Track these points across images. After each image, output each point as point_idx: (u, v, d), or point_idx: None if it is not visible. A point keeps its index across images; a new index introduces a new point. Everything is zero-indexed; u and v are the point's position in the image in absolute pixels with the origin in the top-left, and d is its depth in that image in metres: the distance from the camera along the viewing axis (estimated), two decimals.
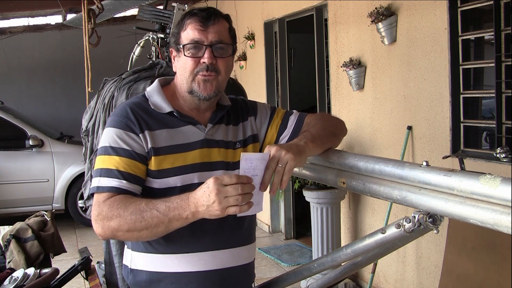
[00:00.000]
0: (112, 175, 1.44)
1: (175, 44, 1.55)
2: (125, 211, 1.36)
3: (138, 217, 1.35)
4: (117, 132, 1.48)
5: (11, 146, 6.51)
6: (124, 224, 1.36)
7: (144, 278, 1.54)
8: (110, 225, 1.38)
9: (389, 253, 1.66)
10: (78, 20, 5.29)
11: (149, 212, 1.34)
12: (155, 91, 1.58)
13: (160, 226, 1.35)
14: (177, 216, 1.33)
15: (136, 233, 1.37)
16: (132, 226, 1.35)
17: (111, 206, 1.39)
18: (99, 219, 1.40)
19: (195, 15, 1.51)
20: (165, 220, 1.34)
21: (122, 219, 1.36)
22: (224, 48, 1.52)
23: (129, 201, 1.39)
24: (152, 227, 1.35)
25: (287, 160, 1.37)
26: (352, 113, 4.26)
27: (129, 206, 1.37)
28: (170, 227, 1.36)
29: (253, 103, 1.72)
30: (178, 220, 1.34)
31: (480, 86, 3.26)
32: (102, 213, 1.39)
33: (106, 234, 1.41)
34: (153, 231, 1.36)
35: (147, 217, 1.34)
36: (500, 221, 1.04)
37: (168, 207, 1.34)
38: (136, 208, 1.36)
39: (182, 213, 1.33)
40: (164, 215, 1.33)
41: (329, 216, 4.22)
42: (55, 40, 8.43)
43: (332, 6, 4.46)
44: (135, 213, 1.35)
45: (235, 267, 1.57)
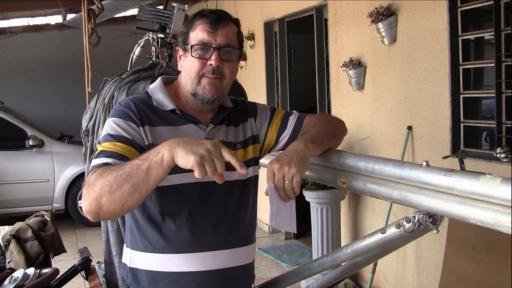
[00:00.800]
0: (108, 155, 1.39)
1: (183, 44, 1.55)
2: (108, 171, 1.30)
3: (119, 171, 1.28)
4: (118, 121, 1.47)
5: (11, 146, 6.51)
6: (106, 184, 1.28)
7: (143, 277, 1.54)
8: (94, 191, 1.29)
9: (389, 253, 1.66)
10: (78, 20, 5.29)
11: (129, 163, 1.29)
12: (158, 89, 1.58)
13: (140, 175, 1.25)
14: (155, 157, 1.25)
15: (118, 192, 1.27)
16: (113, 183, 1.27)
17: (98, 174, 1.32)
18: (86, 193, 1.31)
19: (205, 16, 1.50)
20: (144, 165, 1.25)
21: (104, 179, 1.28)
22: (231, 52, 1.52)
23: (112, 166, 1.34)
24: (133, 178, 1.26)
25: (292, 175, 1.39)
26: (352, 113, 4.26)
27: (112, 167, 1.32)
28: (150, 175, 1.26)
29: (253, 104, 1.72)
30: (156, 162, 1.25)
31: (480, 86, 3.26)
32: (89, 185, 1.31)
33: (92, 206, 1.30)
34: (134, 183, 1.26)
35: (127, 168, 1.27)
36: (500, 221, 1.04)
37: (149, 153, 1.28)
38: (119, 166, 1.30)
39: (160, 150, 1.25)
40: (143, 160, 1.27)
41: (329, 216, 4.22)
42: (55, 40, 8.44)
43: (332, 6, 4.46)
44: (117, 169, 1.29)
45: (235, 267, 1.57)
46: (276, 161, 1.42)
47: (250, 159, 1.62)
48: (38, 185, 6.53)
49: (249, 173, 1.61)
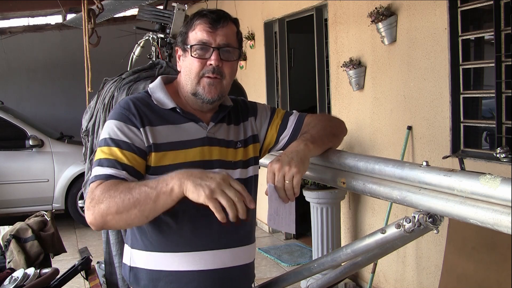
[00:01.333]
0: (110, 165, 1.42)
1: (182, 44, 1.55)
2: (115, 191, 1.33)
3: (127, 195, 1.31)
4: (118, 124, 1.47)
5: (11, 146, 6.51)
6: (113, 205, 1.31)
7: (143, 276, 1.54)
8: (100, 208, 1.33)
9: (389, 253, 1.66)
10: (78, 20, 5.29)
11: (138, 188, 1.31)
12: (158, 87, 1.58)
13: (148, 203, 1.29)
14: (164, 187, 1.28)
15: (125, 214, 1.31)
16: (120, 205, 1.30)
17: (103, 189, 1.35)
18: (90, 206, 1.35)
19: (205, 16, 1.50)
20: (152, 194, 1.29)
21: (112, 199, 1.31)
22: (231, 52, 1.52)
23: (121, 183, 1.36)
24: (140, 204, 1.29)
25: (292, 174, 1.39)
26: (352, 113, 4.26)
27: (120, 187, 1.34)
28: (158, 204, 1.30)
29: (253, 104, 1.72)
30: (165, 193, 1.28)
31: (480, 86, 3.26)
32: (94, 199, 1.35)
33: (97, 221, 1.34)
34: (141, 209, 1.30)
35: (135, 193, 1.31)
36: (500, 221, 1.04)
37: (157, 180, 1.31)
38: (126, 187, 1.33)
39: (169, 182, 1.28)
40: (152, 189, 1.30)
41: (329, 216, 4.22)
42: (55, 40, 8.44)
43: (332, 6, 4.46)
44: (124, 191, 1.32)
45: (235, 267, 1.57)
46: (276, 161, 1.42)
47: (251, 158, 1.62)
48: (38, 185, 6.53)
49: (249, 172, 1.61)
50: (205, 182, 1.26)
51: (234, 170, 1.56)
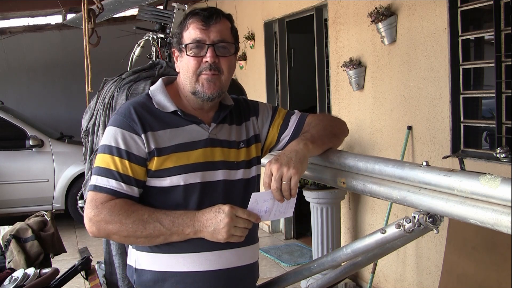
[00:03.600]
0: (111, 176, 1.44)
1: (177, 44, 1.55)
2: (127, 218, 1.40)
3: (140, 227, 1.40)
4: (119, 132, 1.48)
5: (11, 146, 6.51)
6: (123, 230, 1.41)
7: (149, 277, 1.54)
8: (108, 228, 1.41)
9: (389, 253, 1.66)
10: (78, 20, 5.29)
11: (152, 224, 1.41)
12: (158, 90, 1.58)
13: (160, 238, 1.43)
14: (180, 231, 1.42)
15: (133, 239, 1.43)
16: (131, 233, 1.41)
17: (111, 210, 1.41)
18: (95, 220, 1.42)
19: (197, 15, 1.51)
20: (166, 233, 1.42)
21: (123, 226, 1.40)
22: (226, 47, 1.52)
23: (131, 209, 1.42)
24: (152, 237, 1.42)
25: (290, 175, 1.40)
26: (352, 113, 4.26)
27: (131, 215, 1.41)
28: (169, 240, 1.44)
29: (255, 103, 1.72)
30: (179, 235, 1.43)
31: (480, 86, 3.26)
32: (100, 216, 1.41)
33: (101, 235, 1.44)
34: (151, 240, 1.43)
35: (149, 228, 1.41)
36: (500, 221, 1.04)
37: (173, 222, 1.42)
38: (139, 218, 1.41)
39: (185, 230, 1.42)
40: (167, 229, 1.41)
41: (329, 216, 4.22)
42: (55, 40, 8.43)
43: (332, 6, 4.46)
44: (137, 223, 1.41)
45: (240, 266, 1.57)
46: (275, 161, 1.42)
47: (253, 158, 1.62)
48: (38, 185, 6.53)
49: (252, 172, 1.61)
50: (219, 228, 1.41)
51: (237, 170, 1.56)
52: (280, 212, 1.47)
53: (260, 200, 1.43)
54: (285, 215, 1.50)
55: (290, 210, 1.48)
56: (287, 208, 1.47)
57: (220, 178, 1.53)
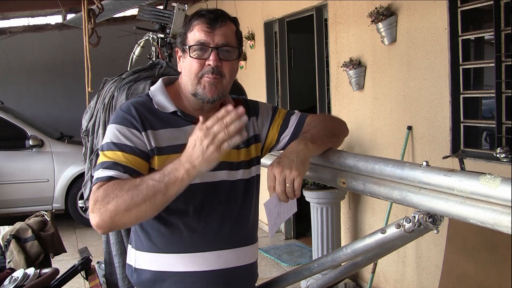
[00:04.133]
0: (112, 167, 1.41)
1: (181, 45, 1.54)
2: (121, 190, 1.33)
3: (135, 192, 1.32)
4: (120, 128, 1.47)
5: (11, 146, 6.51)
6: (121, 203, 1.32)
7: (148, 277, 1.54)
8: (107, 208, 1.32)
9: (389, 253, 1.66)
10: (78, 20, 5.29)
11: (145, 184, 1.32)
12: (159, 91, 1.58)
13: (158, 195, 1.32)
14: (173, 179, 1.31)
15: (135, 210, 1.32)
16: (129, 203, 1.32)
17: (106, 190, 1.35)
18: (96, 208, 1.34)
19: (203, 17, 1.50)
20: (161, 187, 1.31)
21: (119, 198, 1.32)
22: (230, 51, 1.51)
23: (124, 182, 1.37)
24: (150, 198, 1.31)
25: (293, 178, 1.40)
26: (352, 113, 4.26)
27: (124, 186, 1.34)
28: (168, 195, 1.33)
29: (255, 103, 1.72)
30: (175, 184, 1.32)
31: (480, 86, 3.26)
32: (98, 201, 1.34)
33: (105, 222, 1.34)
34: (152, 202, 1.32)
35: (143, 189, 1.32)
36: (500, 221, 1.04)
37: (163, 173, 1.32)
38: (132, 185, 1.34)
39: (177, 174, 1.31)
40: (160, 182, 1.31)
41: (329, 216, 4.22)
42: (55, 40, 8.43)
43: (332, 6, 4.46)
44: (131, 189, 1.33)
45: (239, 266, 1.57)
46: (277, 164, 1.42)
47: (253, 158, 1.62)
48: (38, 185, 6.53)
49: (252, 172, 1.61)
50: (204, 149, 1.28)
51: (237, 171, 1.56)
52: (287, 212, 1.48)
53: (272, 209, 1.44)
54: (292, 212, 1.51)
55: (294, 206, 1.49)
56: (291, 205, 1.48)
57: (221, 179, 1.53)
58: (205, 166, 1.31)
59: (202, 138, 1.28)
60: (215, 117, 1.29)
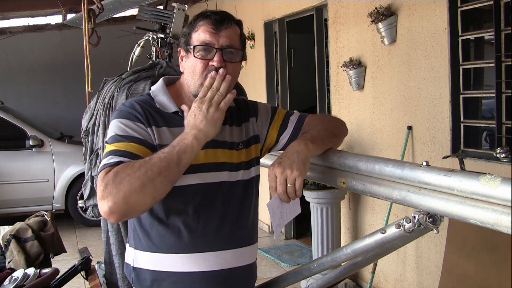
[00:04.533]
0: (122, 154, 1.39)
1: (185, 44, 1.54)
2: (132, 168, 1.30)
3: (148, 166, 1.30)
4: (125, 121, 1.46)
5: (11, 146, 6.51)
6: (135, 180, 1.28)
7: (146, 277, 1.54)
8: (120, 189, 1.27)
9: (389, 253, 1.66)
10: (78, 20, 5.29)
11: (156, 157, 1.32)
12: (160, 90, 1.58)
13: (172, 166, 1.32)
14: (183, 147, 1.35)
15: (150, 185, 1.28)
16: (144, 179, 1.28)
17: (116, 173, 1.31)
18: (106, 192, 1.28)
19: (208, 17, 1.50)
20: (173, 157, 1.33)
21: (132, 177, 1.28)
22: (234, 53, 1.52)
23: (133, 162, 1.34)
24: (165, 170, 1.30)
25: (294, 178, 1.40)
26: (352, 113, 4.26)
27: (135, 164, 1.32)
28: (181, 164, 1.34)
29: (254, 104, 1.72)
30: (185, 151, 1.34)
31: (480, 86, 3.26)
32: (108, 184, 1.29)
33: (118, 205, 1.27)
34: (167, 174, 1.31)
35: (155, 162, 1.31)
36: (500, 221, 1.04)
37: (172, 145, 1.36)
38: (142, 161, 1.32)
39: (186, 142, 1.36)
40: (170, 153, 1.33)
41: (329, 216, 4.22)
42: (55, 40, 8.43)
43: (332, 6, 4.46)
44: (143, 165, 1.30)
45: (239, 267, 1.57)
46: (278, 164, 1.43)
47: (252, 159, 1.62)
48: (38, 185, 6.53)
49: (252, 173, 1.61)
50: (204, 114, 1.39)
51: (237, 171, 1.56)
52: (290, 213, 1.48)
53: (274, 208, 1.44)
54: (295, 214, 1.51)
55: (298, 207, 1.49)
56: (294, 206, 1.48)
57: (221, 180, 1.53)
58: (211, 127, 1.38)
59: (199, 106, 1.39)
60: (204, 87, 1.42)
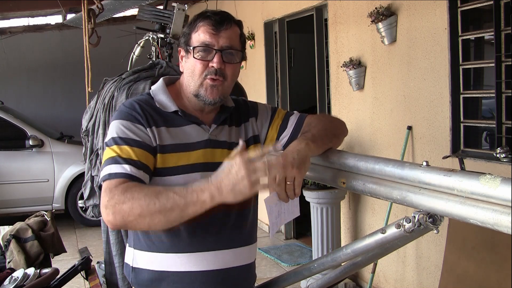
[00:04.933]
0: (124, 162, 1.40)
1: (185, 45, 1.54)
2: (139, 193, 1.31)
3: (152, 199, 1.29)
4: (125, 123, 1.47)
5: (11, 146, 6.51)
6: (136, 206, 1.29)
7: (146, 277, 1.54)
8: (122, 208, 1.30)
9: (389, 253, 1.66)
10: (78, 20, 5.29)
11: (165, 194, 1.29)
12: (160, 90, 1.58)
13: (175, 210, 1.28)
14: (195, 198, 1.27)
15: (149, 218, 1.29)
16: (145, 209, 1.28)
17: (125, 190, 1.33)
18: (110, 205, 1.32)
19: (208, 18, 1.50)
20: (181, 203, 1.28)
21: (135, 201, 1.30)
22: (234, 54, 1.52)
23: (144, 186, 1.36)
24: (166, 211, 1.28)
25: (293, 176, 1.38)
26: (352, 113, 4.26)
27: (144, 189, 1.33)
28: (186, 213, 1.29)
29: (254, 104, 1.72)
30: (195, 205, 1.28)
31: (480, 86, 3.26)
32: (114, 198, 1.32)
33: (117, 221, 1.32)
34: (167, 216, 1.29)
35: (162, 199, 1.29)
36: (500, 221, 1.04)
37: (186, 189, 1.29)
38: (152, 190, 1.32)
39: (200, 195, 1.27)
40: (181, 197, 1.28)
41: (329, 216, 4.22)
42: (55, 40, 8.44)
43: (332, 6, 4.46)
44: (150, 195, 1.30)
45: (237, 267, 1.57)
46: None
47: None
48: (38, 185, 6.53)
49: None
50: (238, 181, 1.25)
51: None
52: (289, 214, 1.47)
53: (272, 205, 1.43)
54: (294, 216, 1.49)
55: (296, 209, 1.48)
56: (293, 207, 1.47)
57: None
58: (231, 198, 1.27)
59: (240, 168, 1.25)
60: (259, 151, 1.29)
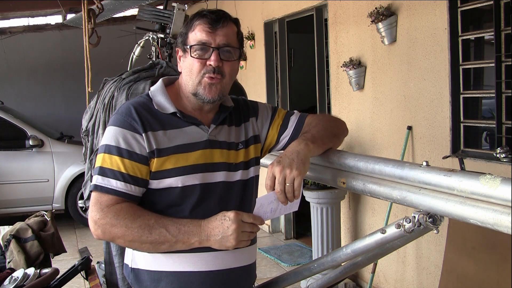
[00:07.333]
0: (114, 176, 1.44)
1: (182, 44, 1.55)
2: (132, 223, 1.41)
3: (146, 232, 1.41)
4: (120, 131, 1.47)
5: (11, 146, 6.51)
6: (129, 235, 1.40)
7: (145, 277, 1.54)
8: (113, 231, 1.41)
9: (389, 253, 1.65)
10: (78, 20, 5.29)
11: (158, 230, 1.41)
12: (159, 91, 1.58)
13: (165, 245, 1.42)
14: (185, 239, 1.42)
15: (138, 244, 1.43)
16: (137, 238, 1.41)
17: (117, 214, 1.41)
18: (101, 223, 1.42)
19: (205, 17, 1.50)
20: (171, 240, 1.42)
21: (129, 230, 1.40)
22: (231, 52, 1.52)
23: (137, 213, 1.42)
24: (156, 244, 1.42)
25: (293, 177, 1.40)
26: (352, 113, 4.26)
27: (137, 219, 1.41)
28: (173, 247, 1.44)
29: (254, 104, 1.72)
30: (184, 243, 1.43)
31: (480, 86, 3.26)
32: (106, 219, 1.41)
33: (105, 238, 1.44)
34: (156, 247, 1.43)
35: (155, 233, 1.41)
36: (500, 221, 1.04)
37: (179, 230, 1.42)
38: (145, 223, 1.41)
39: (191, 238, 1.42)
40: (173, 236, 1.41)
41: (329, 216, 4.22)
42: (55, 40, 8.44)
43: (332, 6, 4.46)
44: (143, 227, 1.41)
45: (237, 268, 1.57)
46: (277, 163, 1.42)
47: (252, 159, 1.62)
48: (38, 185, 6.53)
49: (250, 173, 1.61)
50: (227, 236, 1.41)
51: (235, 172, 1.56)
52: (286, 209, 1.48)
53: (265, 204, 1.44)
54: (291, 210, 1.50)
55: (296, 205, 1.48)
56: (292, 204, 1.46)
57: (219, 180, 1.53)
58: (217, 246, 1.43)
59: (231, 224, 1.41)
60: (251, 216, 1.44)
